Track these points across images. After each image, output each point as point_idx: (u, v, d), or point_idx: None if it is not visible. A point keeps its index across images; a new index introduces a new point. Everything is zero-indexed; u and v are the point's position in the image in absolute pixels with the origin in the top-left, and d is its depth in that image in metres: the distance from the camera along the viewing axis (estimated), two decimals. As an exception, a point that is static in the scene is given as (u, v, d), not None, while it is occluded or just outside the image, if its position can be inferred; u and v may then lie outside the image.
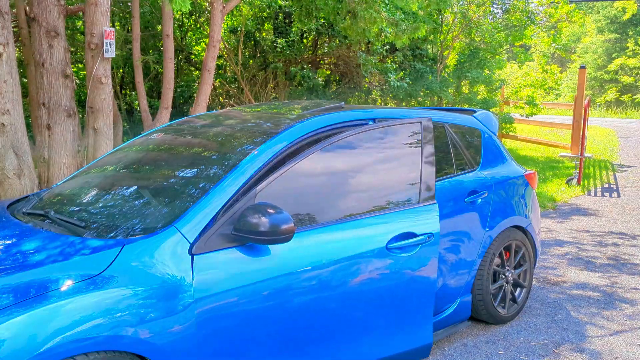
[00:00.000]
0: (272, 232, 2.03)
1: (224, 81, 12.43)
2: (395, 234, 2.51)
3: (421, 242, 2.58)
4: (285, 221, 2.05)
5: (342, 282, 2.34)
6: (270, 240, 2.04)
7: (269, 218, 2.04)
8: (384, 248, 2.47)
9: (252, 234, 2.04)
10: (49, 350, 1.64)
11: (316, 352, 2.32)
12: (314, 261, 2.27)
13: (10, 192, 4.25)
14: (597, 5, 32.79)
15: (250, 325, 2.11)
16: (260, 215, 2.05)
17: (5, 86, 4.09)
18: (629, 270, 4.55)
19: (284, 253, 2.21)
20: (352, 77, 12.40)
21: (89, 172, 2.91)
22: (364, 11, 7.93)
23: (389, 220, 2.53)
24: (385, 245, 2.47)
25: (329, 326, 2.33)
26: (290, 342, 2.24)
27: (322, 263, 2.29)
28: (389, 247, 2.48)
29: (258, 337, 2.14)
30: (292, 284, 2.20)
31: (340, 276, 2.33)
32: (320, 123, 2.61)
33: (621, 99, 29.15)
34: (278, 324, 2.19)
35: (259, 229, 2.03)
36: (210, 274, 2.03)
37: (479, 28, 12.63)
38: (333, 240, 2.35)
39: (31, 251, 1.99)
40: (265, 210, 2.07)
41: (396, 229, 2.52)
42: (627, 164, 10.73)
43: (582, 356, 3.09)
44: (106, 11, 4.72)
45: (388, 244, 2.48)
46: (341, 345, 2.39)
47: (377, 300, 2.46)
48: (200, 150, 2.67)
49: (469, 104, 12.22)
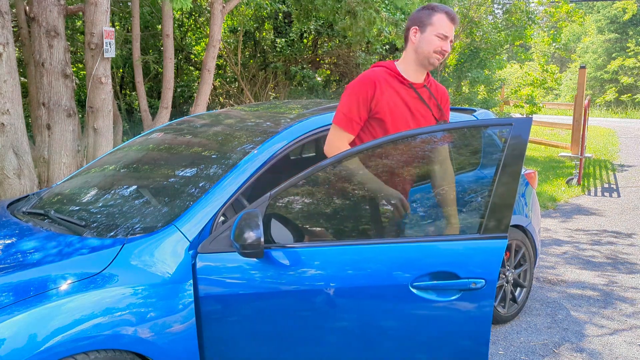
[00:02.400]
0: (244, 246, 1.85)
1: (224, 81, 12.44)
2: (429, 271, 1.97)
3: (464, 289, 1.96)
4: (255, 238, 1.84)
5: (350, 314, 1.96)
6: (243, 253, 1.88)
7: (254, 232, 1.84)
8: (407, 285, 1.96)
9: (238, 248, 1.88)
10: (49, 349, 1.64)
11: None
12: (319, 276, 1.98)
13: (10, 192, 4.25)
14: (597, 5, 32.80)
15: (250, 324, 2.11)
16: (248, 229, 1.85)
17: (5, 86, 4.09)
18: (628, 270, 4.55)
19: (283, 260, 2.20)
20: (352, 77, 12.40)
21: (89, 172, 2.91)
22: (363, 11, 7.93)
23: (424, 252, 1.98)
24: (410, 283, 1.96)
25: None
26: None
27: (329, 286, 1.97)
28: (413, 286, 1.97)
29: (258, 336, 2.14)
30: (290, 290, 2.14)
31: (347, 307, 1.96)
32: (320, 122, 2.61)
33: (621, 99, 29.15)
34: (277, 325, 2.19)
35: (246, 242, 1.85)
36: (210, 273, 2.03)
37: (479, 28, 12.63)
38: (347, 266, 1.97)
39: (31, 250, 2.00)
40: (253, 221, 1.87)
41: (432, 265, 1.97)
42: (627, 163, 10.73)
43: (582, 356, 3.09)
44: (106, 11, 4.72)
45: (413, 282, 1.97)
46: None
47: (393, 336, 2.00)
48: (200, 149, 2.67)
49: (469, 104, 12.22)
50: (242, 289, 2.01)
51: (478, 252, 1.96)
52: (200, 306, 1.99)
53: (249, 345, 2.05)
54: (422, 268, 1.94)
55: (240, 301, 2.01)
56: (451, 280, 1.94)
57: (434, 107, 2.42)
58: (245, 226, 1.86)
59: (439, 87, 2.48)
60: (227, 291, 2.01)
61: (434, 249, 1.96)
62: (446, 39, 2.26)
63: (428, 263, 1.94)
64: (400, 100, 2.30)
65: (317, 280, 1.97)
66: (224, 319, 2.03)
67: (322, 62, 12.67)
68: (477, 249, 1.96)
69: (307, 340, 2.02)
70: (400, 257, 1.94)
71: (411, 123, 2.32)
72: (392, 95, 2.28)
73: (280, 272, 2.00)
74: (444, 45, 2.26)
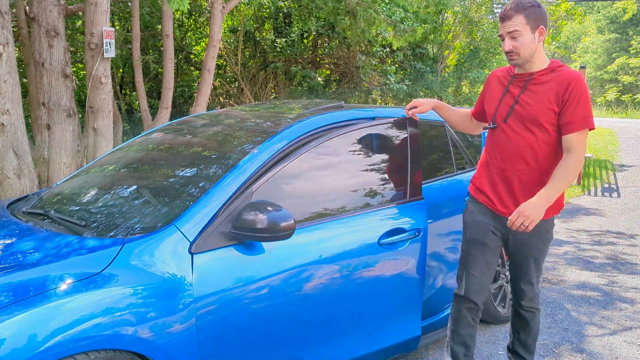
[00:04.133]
0: (270, 229, 2.03)
1: (224, 81, 12.44)
2: (386, 230, 2.55)
3: (410, 238, 2.62)
4: (284, 218, 2.05)
5: (339, 277, 2.36)
6: (269, 237, 2.04)
7: (267, 215, 2.04)
8: (376, 244, 2.50)
9: (250, 232, 2.04)
10: (49, 349, 1.64)
11: (314, 347, 2.33)
12: (313, 258, 2.28)
13: (10, 192, 4.25)
14: (597, 5, 32.80)
15: (250, 323, 2.11)
16: (258, 213, 2.05)
17: (5, 86, 4.09)
18: (628, 270, 4.55)
19: (282, 250, 2.21)
20: (352, 77, 12.40)
21: (89, 172, 2.91)
22: (363, 11, 7.94)
23: (381, 217, 2.57)
24: (378, 241, 2.50)
25: (328, 321, 2.35)
26: (290, 338, 2.24)
27: (320, 259, 2.30)
28: (380, 243, 2.51)
29: (258, 335, 2.14)
30: (290, 280, 2.20)
31: (337, 271, 2.36)
32: (320, 122, 2.61)
33: (621, 98, 29.15)
34: (278, 321, 2.19)
35: (257, 226, 2.03)
36: (209, 273, 2.03)
37: (479, 27, 12.64)
38: (329, 237, 2.37)
39: (31, 250, 2.00)
40: (263, 207, 2.07)
41: (387, 225, 2.57)
42: (627, 163, 10.73)
43: (582, 356, 3.09)
44: (106, 11, 4.73)
45: (380, 240, 2.51)
46: (338, 339, 2.40)
47: (372, 293, 2.50)
48: (200, 149, 2.67)
49: (469, 104, 12.22)
50: (236, 281, 2.07)
51: (410, 210, 2.68)
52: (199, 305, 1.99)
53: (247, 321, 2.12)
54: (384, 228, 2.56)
55: (236, 294, 2.07)
56: (402, 233, 2.60)
57: (528, 96, 2.34)
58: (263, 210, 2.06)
59: (556, 75, 2.31)
60: (223, 287, 2.04)
61: (389, 213, 2.61)
62: (504, 39, 2.33)
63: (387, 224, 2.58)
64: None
65: (313, 255, 2.30)
66: (223, 317, 2.03)
67: (322, 62, 12.67)
68: (409, 207, 2.69)
69: (306, 305, 2.28)
70: (371, 222, 2.53)
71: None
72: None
73: (278, 257, 2.20)
74: (504, 46, 2.33)
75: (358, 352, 2.50)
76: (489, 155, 2.50)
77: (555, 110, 2.28)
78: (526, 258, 2.48)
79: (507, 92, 2.42)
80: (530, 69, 2.35)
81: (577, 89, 2.25)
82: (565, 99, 2.26)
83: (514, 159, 2.37)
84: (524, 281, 2.52)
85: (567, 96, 2.25)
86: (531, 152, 2.34)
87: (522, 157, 2.35)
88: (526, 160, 2.35)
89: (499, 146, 2.42)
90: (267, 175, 2.27)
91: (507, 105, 2.40)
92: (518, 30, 2.26)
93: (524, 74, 2.38)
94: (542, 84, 2.32)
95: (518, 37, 2.27)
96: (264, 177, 2.26)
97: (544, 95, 2.30)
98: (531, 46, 2.29)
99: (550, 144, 2.32)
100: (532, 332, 2.61)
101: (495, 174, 2.46)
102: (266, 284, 2.15)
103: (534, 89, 2.33)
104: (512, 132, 2.37)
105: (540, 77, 2.33)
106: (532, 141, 2.33)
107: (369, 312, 2.51)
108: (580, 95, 2.24)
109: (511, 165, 2.38)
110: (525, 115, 2.33)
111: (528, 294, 2.54)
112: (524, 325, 2.60)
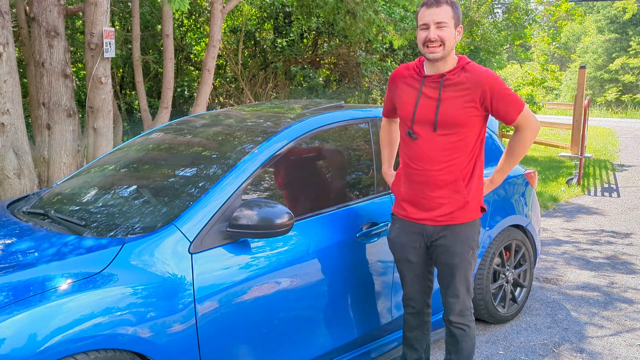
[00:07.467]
0: (265, 226, 2.04)
1: (224, 81, 12.43)
2: (362, 224, 2.61)
3: (382, 230, 2.66)
4: (278, 214, 2.05)
5: (326, 269, 2.41)
6: (264, 234, 2.04)
7: (259, 212, 2.05)
8: (354, 237, 2.56)
9: (245, 229, 2.05)
10: (49, 348, 1.64)
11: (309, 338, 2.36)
12: (310, 252, 2.35)
13: (10, 192, 4.25)
14: (597, 5, 32.79)
15: (249, 322, 2.11)
16: (251, 210, 2.06)
17: (5, 86, 4.09)
18: (628, 270, 4.55)
19: (279, 246, 2.24)
20: (352, 76, 12.40)
21: (89, 172, 2.91)
22: (362, 11, 7.94)
23: (358, 212, 2.65)
24: (355, 235, 2.56)
25: (320, 312, 2.39)
26: (288, 333, 2.25)
27: (309, 253, 2.35)
28: (358, 237, 2.56)
29: (257, 333, 2.15)
30: (284, 276, 2.23)
31: (324, 264, 2.41)
32: (320, 122, 2.61)
33: (621, 98, 29.14)
34: (277, 317, 2.19)
35: (250, 223, 2.04)
36: (209, 272, 2.03)
37: (479, 27, 12.63)
38: (324, 232, 2.44)
39: (31, 250, 2.00)
40: (257, 205, 2.07)
41: (363, 220, 2.63)
42: (627, 163, 10.74)
43: (582, 356, 3.09)
44: (106, 11, 4.72)
45: (357, 234, 2.57)
46: (325, 329, 2.43)
47: (353, 285, 2.56)
48: (200, 149, 2.67)
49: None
50: (233, 279, 2.08)
51: (380, 205, 2.74)
52: (199, 305, 1.99)
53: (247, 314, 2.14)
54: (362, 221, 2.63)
55: (235, 292, 2.08)
56: (374, 227, 2.65)
57: (445, 96, 2.25)
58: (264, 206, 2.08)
59: (469, 75, 2.23)
60: (222, 286, 2.05)
61: (363, 207, 2.68)
62: (428, 28, 2.19)
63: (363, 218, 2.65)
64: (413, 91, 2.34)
65: (301, 248, 2.34)
66: (222, 316, 2.03)
67: (322, 62, 12.67)
68: (379, 203, 2.76)
69: (303, 295, 2.32)
70: (350, 217, 2.60)
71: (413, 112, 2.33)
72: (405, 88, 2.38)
73: (270, 254, 2.23)
74: (428, 34, 2.18)
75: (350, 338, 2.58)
76: (405, 161, 2.39)
77: (477, 114, 2.23)
78: (450, 267, 2.34)
79: (422, 94, 2.27)
80: (444, 68, 2.25)
81: (495, 87, 2.20)
82: (489, 102, 2.21)
83: (432, 162, 2.26)
84: (450, 293, 2.38)
85: (489, 99, 2.21)
86: (447, 154, 2.25)
87: (438, 159, 2.26)
88: (441, 161, 2.25)
89: (414, 150, 2.31)
90: (256, 172, 2.33)
91: (427, 109, 2.26)
92: (446, 22, 2.18)
93: (434, 75, 2.26)
94: (457, 85, 2.22)
95: (444, 28, 2.18)
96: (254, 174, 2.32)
97: (462, 99, 2.21)
98: (453, 42, 2.22)
99: (468, 144, 2.27)
100: (463, 354, 2.43)
101: (412, 179, 2.35)
102: (264, 280, 2.15)
103: (451, 91, 2.23)
104: (429, 135, 2.26)
105: (453, 77, 2.23)
106: (450, 143, 2.24)
107: (353, 302, 2.57)
108: (501, 91, 2.21)
109: (430, 166, 2.27)
110: (445, 119, 2.22)
111: (455, 308, 2.39)
112: (454, 344, 2.44)
